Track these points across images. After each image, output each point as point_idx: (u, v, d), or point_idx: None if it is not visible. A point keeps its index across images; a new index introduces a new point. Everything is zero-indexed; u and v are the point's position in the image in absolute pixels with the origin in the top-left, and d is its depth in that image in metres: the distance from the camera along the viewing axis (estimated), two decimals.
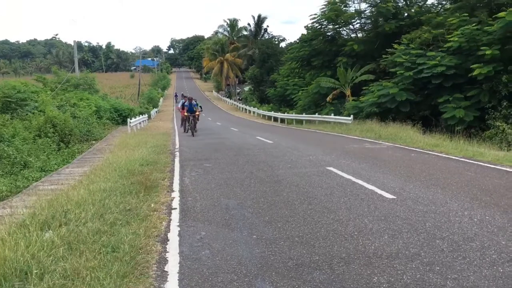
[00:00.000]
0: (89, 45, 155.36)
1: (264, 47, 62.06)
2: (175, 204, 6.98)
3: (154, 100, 59.87)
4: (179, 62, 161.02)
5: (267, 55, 59.11)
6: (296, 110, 36.78)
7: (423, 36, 24.72)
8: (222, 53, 77.53)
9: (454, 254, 4.55)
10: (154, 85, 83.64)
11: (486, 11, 23.37)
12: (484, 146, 14.27)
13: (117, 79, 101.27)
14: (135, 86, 76.84)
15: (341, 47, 31.92)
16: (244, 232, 5.49)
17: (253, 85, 63.23)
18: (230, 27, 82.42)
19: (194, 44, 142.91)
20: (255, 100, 58.98)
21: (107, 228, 5.36)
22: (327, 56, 33.32)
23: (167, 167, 10.80)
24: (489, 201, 6.61)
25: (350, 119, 24.00)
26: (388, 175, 9.00)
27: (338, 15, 31.74)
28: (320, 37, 33.84)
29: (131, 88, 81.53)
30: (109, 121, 31.41)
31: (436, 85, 22.34)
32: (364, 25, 34.14)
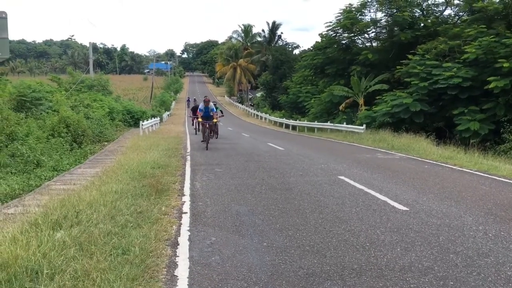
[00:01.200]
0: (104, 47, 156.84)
1: (277, 53, 62.17)
2: (186, 208, 6.96)
3: (166, 104, 60.14)
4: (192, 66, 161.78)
5: (280, 62, 59.17)
6: (308, 118, 36.69)
7: (439, 47, 24.55)
8: (236, 59, 77.78)
9: (469, 269, 4.47)
10: (167, 89, 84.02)
11: (504, 24, 23.18)
12: (499, 160, 14.08)
13: (130, 82, 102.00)
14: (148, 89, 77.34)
15: (355, 55, 31.81)
16: (254, 239, 5.45)
17: (265, 91, 63.30)
18: (244, 33, 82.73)
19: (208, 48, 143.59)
20: (267, 106, 59.02)
21: (118, 230, 5.36)
22: (341, 65, 33.24)
23: (178, 170, 10.80)
24: (505, 216, 6.50)
25: (362, 128, 23.86)
26: (401, 186, 8.90)
27: (354, 23, 31.67)
28: (334, 45, 33.80)
29: (144, 91, 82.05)
30: (121, 123, 31.56)
31: (451, 97, 22.15)
32: (379, 34, 34.03)
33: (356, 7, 32.54)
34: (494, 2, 24.92)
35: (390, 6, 30.62)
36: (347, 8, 32.74)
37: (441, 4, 31.65)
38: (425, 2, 31.73)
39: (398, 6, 29.83)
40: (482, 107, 21.14)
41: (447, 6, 31.22)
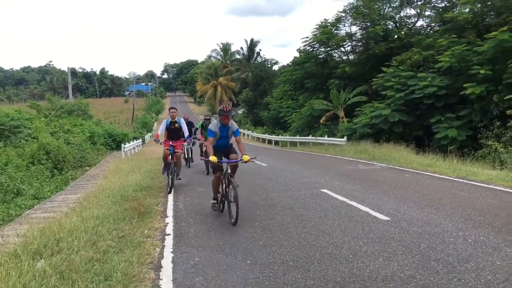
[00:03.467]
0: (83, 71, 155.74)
1: (257, 70, 62.61)
2: (169, 229, 6.93)
3: (148, 125, 59.89)
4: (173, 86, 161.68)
5: (260, 78, 59.58)
6: (290, 132, 36.89)
7: (414, 57, 25.06)
8: (216, 77, 78.11)
9: (449, 275, 4.53)
10: (148, 110, 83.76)
11: (474, 32, 23.79)
12: (477, 166, 14.32)
13: (111, 104, 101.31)
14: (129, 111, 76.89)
15: (333, 69, 32.24)
16: (238, 257, 5.45)
17: (247, 108, 63.51)
18: (223, 51, 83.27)
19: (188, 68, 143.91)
20: (249, 122, 59.16)
21: (100, 256, 5.31)
22: (319, 79, 33.63)
23: (161, 192, 10.74)
24: (483, 221, 6.62)
25: (343, 140, 24.09)
26: (382, 196, 9.00)
27: (330, 38, 32.17)
28: (312, 60, 34.22)
29: (125, 113, 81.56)
30: (103, 146, 31.31)
31: (428, 106, 22.57)
32: (355, 48, 34.61)
33: (331, 22, 33.10)
34: (463, 12, 25.61)
35: (363, 20, 31.23)
36: (323, 24, 33.28)
37: (413, 16, 32.45)
38: (398, 15, 32.47)
39: (372, 19, 30.45)
40: (459, 114, 21.56)
41: (419, 17, 31.99)
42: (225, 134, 7.69)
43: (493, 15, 24.59)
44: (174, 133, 11.03)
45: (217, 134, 7.55)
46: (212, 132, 7.51)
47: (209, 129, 7.53)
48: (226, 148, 7.81)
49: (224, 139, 7.73)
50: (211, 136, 7.50)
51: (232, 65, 79.57)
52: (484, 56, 21.05)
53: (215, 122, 7.63)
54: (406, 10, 32.30)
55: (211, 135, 7.50)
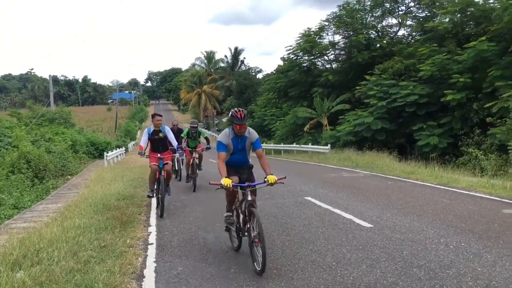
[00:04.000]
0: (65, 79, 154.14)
1: (241, 78, 62.83)
2: (152, 239, 6.86)
3: (131, 133, 59.49)
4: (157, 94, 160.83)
5: (244, 86, 59.81)
6: (274, 140, 36.95)
7: (395, 66, 25.41)
8: (200, 85, 77.92)
9: (431, 282, 4.57)
10: (132, 118, 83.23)
11: (454, 41, 24.25)
12: (458, 173, 14.52)
13: (94, 113, 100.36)
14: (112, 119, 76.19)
15: (316, 77, 32.47)
16: (222, 266, 5.42)
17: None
18: (207, 59, 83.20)
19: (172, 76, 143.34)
20: None
21: (81, 266, 5.23)
22: (303, 87, 33.82)
23: (144, 201, 10.63)
24: (465, 228, 6.70)
25: (327, 148, 24.21)
26: (366, 203, 9.06)
27: (313, 46, 32.42)
28: (296, 68, 34.42)
29: (108, 121, 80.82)
30: (85, 155, 30.96)
31: (410, 114, 22.89)
32: (338, 56, 34.93)
33: (314, 31, 33.38)
34: (444, 21, 26.09)
35: (346, 29, 31.58)
36: (306, 32, 33.55)
37: (394, 25, 32.95)
38: (380, 24, 32.93)
39: (354, 28, 30.81)
40: (440, 122, 21.92)
41: (400, 27, 32.50)
42: (241, 147, 5.90)
43: (472, 24, 25.11)
44: (158, 143, 9.24)
45: (229, 147, 5.76)
46: (223, 145, 5.69)
47: (218, 142, 5.75)
48: (243, 165, 6.03)
49: (240, 154, 5.93)
50: (222, 150, 5.67)
51: (216, 73, 79.58)
52: (464, 65, 21.48)
53: (226, 132, 5.81)
54: (388, 19, 32.81)
55: (222, 149, 5.68)
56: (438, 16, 27.58)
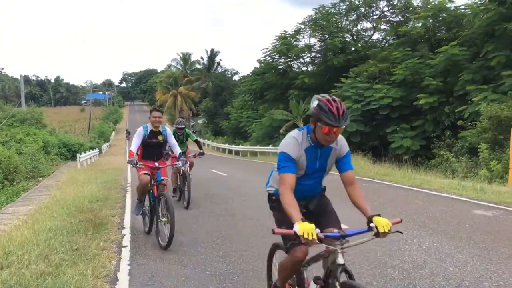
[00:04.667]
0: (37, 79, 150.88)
1: (217, 80, 62.64)
2: (126, 241, 6.76)
3: (105, 134, 58.66)
4: (132, 95, 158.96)
5: (221, 88, 59.63)
6: (250, 142, 37.02)
7: (370, 69, 25.79)
8: (176, 86, 77.41)
9: (405, 282, 4.63)
10: (106, 119, 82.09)
11: (427, 46, 24.77)
12: (430, 175, 14.81)
13: (66, 113, 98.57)
14: (85, 120, 75.07)
15: (292, 80, 32.70)
16: (197, 268, 5.37)
17: (207, 117, 63.37)
18: (183, 61, 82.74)
19: (147, 77, 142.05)
20: (209, 132, 59.01)
21: (52, 269, 5.10)
22: (279, 89, 34.00)
23: (118, 203, 10.49)
24: (437, 228, 6.82)
25: None
26: (341, 205, 9.10)
27: (289, 49, 32.68)
28: (272, 70, 34.61)
29: (81, 122, 79.53)
30: (57, 156, 30.39)
31: (383, 116, 23.26)
32: (314, 59, 35.29)
33: (290, 34, 33.63)
34: (417, 26, 26.64)
35: (322, 32, 31.91)
36: (282, 35, 33.76)
37: (369, 29, 33.51)
38: (355, 28, 33.37)
39: (330, 32, 31.15)
40: (413, 125, 22.35)
41: (375, 31, 33.04)
42: (320, 166, 3.39)
43: (444, 29, 25.73)
44: (154, 149, 7.04)
45: (301, 165, 3.25)
46: (291, 161, 3.16)
47: (283, 154, 3.17)
48: (312, 196, 3.68)
49: (316, 176, 3.50)
50: (289, 171, 3.14)
51: (192, 75, 79.18)
52: (436, 69, 21.97)
53: (295, 137, 3.23)
54: (362, 23, 33.35)
55: (289, 168, 3.14)
56: (411, 21, 28.19)
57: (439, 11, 25.15)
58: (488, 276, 4.72)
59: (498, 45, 19.62)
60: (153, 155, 7.05)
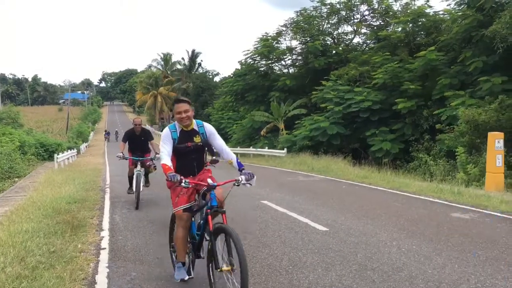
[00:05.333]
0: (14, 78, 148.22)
1: (198, 81, 62.39)
2: (104, 244, 6.65)
3: (84, 135, 57.87)
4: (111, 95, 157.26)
5: (202, 89, 59.42)
6: (231, 144, 36.92)
7: (350, 72, 26.01)
8: (156, 87, 76.95)
9: (385, 284, 4.66)
10: (84, 119, 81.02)
11: (406, 50, 25.11)
12: (409, 177, 15.01)
13: (44, 113, 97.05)
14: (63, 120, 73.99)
15: (274, 82, 32.76)
16: None
17: None
18: (164, 61, 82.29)
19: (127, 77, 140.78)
20: None
21: (28, 272, 4.98)
22: (260, 91, 34.02)
23: (96, 204, 10.33)
24: (416, 231, 6.90)
25: (284, 152, 24.43)
26: (321, 207, 9.17)
27: (271, 51, 32.73)
28: (253, 72, 34.60)
29: (59, 122, 78.36)
30: (34, 157, 29.83)
31: (364, 119, 23.48)
32: (295, 61, 35.41)
33: (272, 36, 33.69)
34: (396, 31, 26.99)
35: (303, 35, 32.07)
36: (264, 37, 33.81)
37: (350, 33, 33.77)
38: (336, 31, 33.65)
39: (311, 34, 31.33)
40: (392, 128, 22.61)
41: (355, 34, 33.34)
42: None
43: (423, 34, 26.10)
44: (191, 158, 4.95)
45: None
46: None
47: None
48: None
49: None
50: None
51: (173, 75, 78.76)
52: (414, 73, 22.30)
53: None
54: (343, 27, 33.59)
55: None
56: (391, 25, 28.52)
57: (419, 16, 25.51)
58: (465, 278, 4.79)
59: (475, 51, 20.00)
60: (192, 166, 4.89)
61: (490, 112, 15.51)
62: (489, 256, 5.58)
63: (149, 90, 77.38)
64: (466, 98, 18.89)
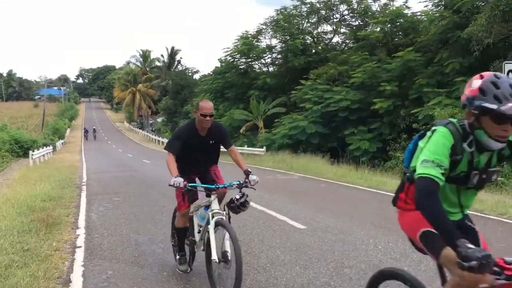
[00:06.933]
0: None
1: (177, 78, 61.91)
2: (80, 242, 6.55)
3: (60, 131, 56.92)
4: (89, 92, 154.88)
5: (181, 87, 58.96)
6: None
7: (330, 72, 26.19)
8: (134, 84, 76.10)
9: (361, 281, 4.70)
10: (61, 116, 79.64)
11: (384, 50, 25.41)
12: (386, 176, 15.20)
13: (18, 109, 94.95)
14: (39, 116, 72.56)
15: (253, 80, 32.78)
16: (154, 269, 5.27)
17: (166, 116, 62.52)
18: (143, 58, 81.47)
19: (105, 73, 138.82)
20: (169, 131, 58.23)
21: (1, 271, 4.88)
22: (240, 89, 34.00)
23: (72, 202, 10.18)
24: (392, 229, 6.98)
25: (263, 150, 24.46)
26: (300, 205, 9.22)
27: (250, 49, 32.74)
28: (233, 70, 34.56)
29: (34, 119, 76.82)
30: (8, 153, 29.24)
31: (342, 118, 23.69)
32: (275, 60, 35.49)
33: (252, 34, 33.70)
34: (375, 31, 27.28)
35: (283, 33, 32.16)
36: (244, 35, 33.79)
37: (329, 32, 34.00)
38: (315, 30, 33.84)
39: (291, 33, 31.44)
40: (370, 127, 22.86)
41: (335, 34, 33.59)
42: None
43: (401, 35, 26.45)
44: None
45: None
46: None
47: None
48: None
49: None
50: None
51: (152, 72, 78.05)
52: (392, 73, 22.59)
53: None
54: (323, 26, 33.80)
55: None
56: (370, 25, 28.81)
57: (397, 17, 25.86)
58: None
59: (451, 52, 20.37)
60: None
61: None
62: None
63: (128, 87, 76.47)
64: (443, 98, 19.22)
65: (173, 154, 4.61)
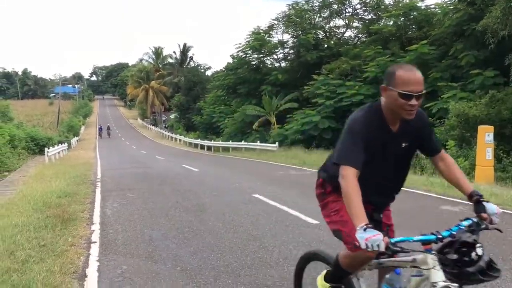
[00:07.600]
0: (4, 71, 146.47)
1: (190, 75, 62.08)
2: (95, 237, 6.64)
3: (74, 128, 57.51)
4: (102, 89, 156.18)
5: (193, 83, 59.12)
6: (222, 138, 36.92)
7: (342, 66, 26.06)
8: (147, 81, 76.59)
9: (374, 275, 4.69)
10: (75, 113, 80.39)
11: (398, 44, 25.19)
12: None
13: (34, 107, 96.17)
14: (54, 114, 73.38)
15: (265, 75, 32.77)
16: (168, 264, 5.32)
17: (179, 112, 62.77)
18: (155, 55, 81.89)
19: (118, 71, 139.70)
20: (182, 127, 58.51)
21: (18, 266, 4.97)
22: (252, 85, 34.02)
23: (87, 198, 10.30)
24: (404, 223, 6.94)
25: (275, 146, 24.46)
26: (312, 200, 9.14)
27: (262, 45, 32.73)
28: (245, 66, 34.59)
29: (49, 116, 77.75)
30: (24, 150, 29.65)
31: None
32: (287, 55, 35.43)
33: (264, 29, 33.65)
34: (388, 25, 27.05)
35: (295, 28, 32.06)
36: (256, 30, 33.77)
37: (342, 27, 33.84)
38: (328, 25, 33.67)
39: (303, 28, 31.33)
40: None
41: (347, 28, 33.39)
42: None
43: (415, 28, 26.19)
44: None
45: None
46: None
47: None
48: None
49: None
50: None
51: (165, 69, 78.42)
52: None
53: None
54: (335, 20, 33.64)
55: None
56: (383, 19, 28.57)
57: (410, 9, 25.61)
58: None
59: (466, 44, 20.10)
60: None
61: (481, 106, 15.58)
62: None
63: (141, 84, 77.00)
64: (457, 91, 19.00)
65: (356, 169, 2.41)
